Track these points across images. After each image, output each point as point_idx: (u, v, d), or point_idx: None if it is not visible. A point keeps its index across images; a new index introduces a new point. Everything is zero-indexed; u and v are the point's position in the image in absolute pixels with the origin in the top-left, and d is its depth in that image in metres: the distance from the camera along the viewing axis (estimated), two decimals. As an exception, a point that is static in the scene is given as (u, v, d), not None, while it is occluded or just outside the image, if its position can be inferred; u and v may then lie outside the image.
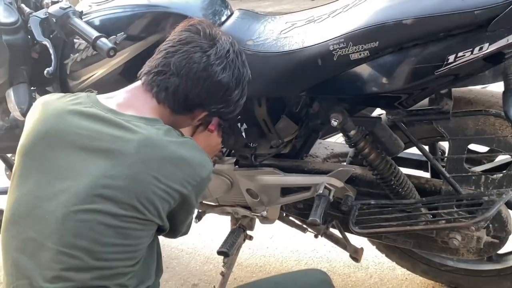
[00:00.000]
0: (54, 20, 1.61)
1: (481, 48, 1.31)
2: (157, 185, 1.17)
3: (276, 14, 1.79)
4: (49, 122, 1.23)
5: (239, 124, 1.89)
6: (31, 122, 1.27)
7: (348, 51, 1.44)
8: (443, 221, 1.69)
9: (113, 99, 1.30)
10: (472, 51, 1.32)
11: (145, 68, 1.34)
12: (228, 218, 2.15)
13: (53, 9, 1.63)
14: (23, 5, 1.79)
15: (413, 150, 1.85)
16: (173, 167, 1.19)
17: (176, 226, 1.32)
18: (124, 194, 1.14)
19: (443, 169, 1.69)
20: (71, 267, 1.13)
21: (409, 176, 1.80)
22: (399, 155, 1.77)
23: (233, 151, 1.95)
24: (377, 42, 1.40)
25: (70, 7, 1.63)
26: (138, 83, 1.35)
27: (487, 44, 1.30)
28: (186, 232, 1.42)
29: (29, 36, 1.77)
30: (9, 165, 2.51)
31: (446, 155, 1.85)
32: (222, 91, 1.34)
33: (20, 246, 1.18)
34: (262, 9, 9.20)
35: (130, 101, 1.30)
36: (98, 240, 1.13)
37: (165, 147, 1.20)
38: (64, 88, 1.84)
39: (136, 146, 1.17)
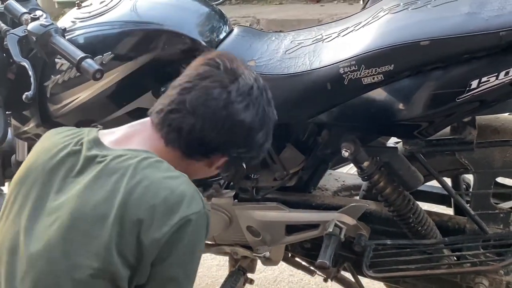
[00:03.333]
0: (34, 38, 1.64)
1: (507, 73, 1.36)
2: None
3: (280, 24, 1.84)
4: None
5: (239, 153, 1.93)
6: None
7: (360, 74, 1.48)
8: (468, 264, 1.72)
9: (110, 135, 1.32)
10: (497, 76, 1.37)
11: (157, 106, 1.32)
12: (226, 259, 2.16)
13: (33, 26, 1.66)
14: (-2, 21, 1.83)
15: (435, 184, 1.88)
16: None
17: None
18: None
19: (467, 206, 1.72)
20: None
21: (429, 213, 1.82)
22: (418, 189, 1.80)
23: (232, 183, 1.98)
24: (392, 65, 1.44)
25: (52, 24, 1.66)
26: (146, 119, 1.34)
27: (514, 68, 1.35)
28: None
29: (4, 55, 1.81)
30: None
31: (470, 189, 1.88)
32: (245, 133, 1.31)
33: None
34: (264, 15, 9.28)
35: (129, 136, 1.31)
36: None
37: None
38: (44, 113, 1.88)
39: None
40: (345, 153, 1.66)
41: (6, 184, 2.41)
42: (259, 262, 2.09)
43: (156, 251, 1.13)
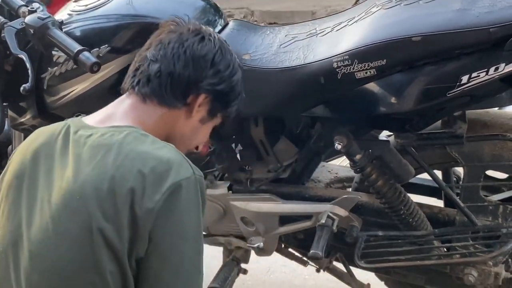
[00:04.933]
0: (32, 31, 1.65)
1: (497, 69, 1.39)
2: None
3: (274, 16, 1.85)
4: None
5: (233, 145, 1.95)
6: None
7: (353, 69, 1.51)
8: (458, 255, 1.75)
9: (94, 116, 1.34)
10: (487, 72, 1.40)
11: (126, 77, 1.38)
12: (220, 249, 2.19)
13: (30, 19, 1.67)
14: (-4, 14, 1.84)
15: (425, 176, 1.91)
16: None
17: None
18: None
19: (457, 198, 1.74)
20: None
21: (420, 205, 1.85)
22: (409, 181, 1.83)
23: (226, 175, 2.01)
24: (385, 60, 1.47)
25: (49, 17, 1.67)
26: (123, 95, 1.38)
27: (503, 64, 1.38)
28: None
29: (1, 47, 1.81)
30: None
31: (460, 182, 1.90)
32: (208, 62, 1.34)
33: None
34: (259, 7, 9.25)
35: (111, 113, 1.32)
36: None
37: None
38: (41, 105, 1.89)
39: None
40: (338, 146, 1.68)
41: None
42: (252, 252, 2.12)
43: (151, 221, 1.13)
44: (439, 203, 2.00)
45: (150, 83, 1.30)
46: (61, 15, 1.87)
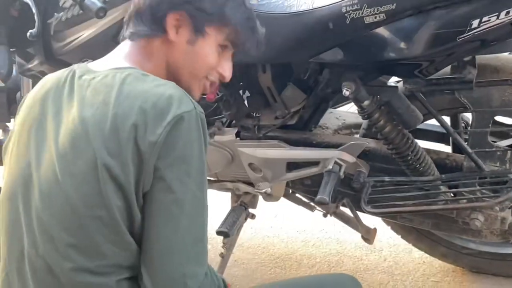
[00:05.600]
0: (37, -25, 1.65)
1: (508, 13, 1.37)
2: None
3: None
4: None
5: (241, 92, 1.95)
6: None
7: (362, 13, 1.49)
8: (464, 201, 1.76)
9: (98, 61, 1.35)
10: (498, 16, 1.38)
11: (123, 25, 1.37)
12: (228, 194, 2.21)
13: (36, -37, 1.67)
14: (1, -41, 1.82)
15: (434, 122, 1.91)
16: None
17: None
18: None
19: (465, 144, 1.75)
20: None
21: (428, 150, 1.86)
22: (417, 127, 1.83)
23: (234, 122, 2.01)
24: (394, 4, 1.45)
25: (54, -39, 1.66)
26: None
27: (515, 8, 1.36)
28: None
29: (7, -9, 1.81)
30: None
31: (469, 128, 1.90)
32: None
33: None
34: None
35: (113, 57, 1.33)
36: None
37: None
38: (47, 50, 1.89)
39: None
40: (346, 92, 1.68)
41: (12, 120, 2.45)
42: (260, 198, 2.14)
43: (155, 155, 1.14)
44: (447, 149, 2.01)
45: (129, 23, 1.32)
46: (66, -41, 1.84)
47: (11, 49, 1.89)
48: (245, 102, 1.94)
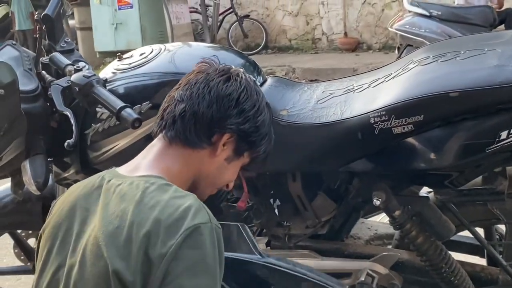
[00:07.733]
0: (77, 88, 1.71)
1: (537, 124, 1.38)
2: None
3: (315, 73, 1.88)
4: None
5: (271, 200, 1.96)
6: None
7: (390, 124, 1.52)
8: (502, 317, 1.70)
9: (126, 165, 1.38)
10: (526, 127, 1.39)
11: (155, 120, 1.43)
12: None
13: (76, 77, 1.73)
14: (43, 72, 1.91)
15: (467, 233, 1.88)
16: None
17: None
18: None
19: (500, 256, 1.71)
20: None
21: (462, 263, 1.82)
22: (450, 239, 1.80)
23: (264, 230, 2.01)
24: (422, 116, 1.48)
25: (94, 75, 1.73)
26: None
27: (543, 119, 1.37)
28: None
29: (48, 104, 1.89)
30: (18, 242, 2.60)
31: (503, 240, 1.87)
32: (232, 101, 1.36)
33: None
34: (300, 65, 9.39)
35: (139, 161, 1.36)
36: None
37: None
38: (84, 160, 1.94)
39: None
40: (377, 202, 1.68)
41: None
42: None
43: (164, 266, 1.13)
44: (482, 261, 1.96)
45: (175, 124, 1.35)
46: (105, 73, 1.94)
47: (48, 159, 1.95)
48: (276, 210, 1.94)
